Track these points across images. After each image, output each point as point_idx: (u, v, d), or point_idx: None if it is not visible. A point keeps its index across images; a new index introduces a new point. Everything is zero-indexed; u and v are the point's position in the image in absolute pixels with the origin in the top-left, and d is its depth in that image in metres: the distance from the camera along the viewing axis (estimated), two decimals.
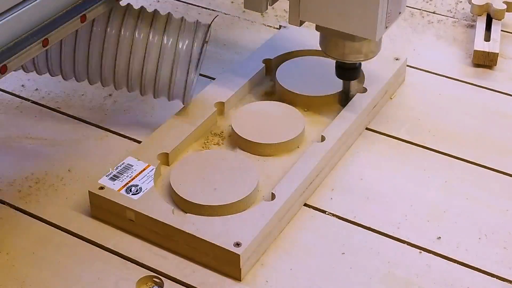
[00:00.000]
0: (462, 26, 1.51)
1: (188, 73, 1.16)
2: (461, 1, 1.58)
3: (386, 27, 1.14)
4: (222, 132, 1.20)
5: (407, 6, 1.57)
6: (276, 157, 1.16)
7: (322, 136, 1.16)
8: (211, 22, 1.20)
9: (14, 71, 0.97)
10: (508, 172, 1.17)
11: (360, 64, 1.22)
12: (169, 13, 1.18)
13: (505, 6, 1.47)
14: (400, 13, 1.16)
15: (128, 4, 1.18)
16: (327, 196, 1.13)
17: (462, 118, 1.28)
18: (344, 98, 1.25)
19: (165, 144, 1.14)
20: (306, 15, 1.14)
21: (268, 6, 1.17)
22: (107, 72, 1.17)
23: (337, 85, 1.27)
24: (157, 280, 1.00)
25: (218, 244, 0.99)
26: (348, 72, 1.22)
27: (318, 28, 1.17)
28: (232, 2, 1.58)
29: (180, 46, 1.16)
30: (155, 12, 1.18)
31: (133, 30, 1.15)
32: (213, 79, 1.33)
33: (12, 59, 0.92)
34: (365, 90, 1.26)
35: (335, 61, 1.22)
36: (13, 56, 0.92)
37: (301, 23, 1.16)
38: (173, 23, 1.17)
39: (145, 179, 1.08)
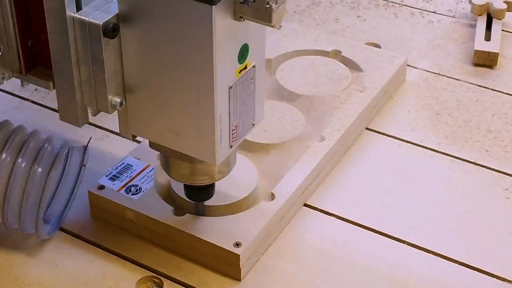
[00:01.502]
0: (462, 26, 1.51)
1: (40, 204, 0.97)
2: (461, 1, 1.58)
3: (231, 147, 0.91)
4: None
5: (407, 6, 1.57)
6: (276, 157, 1.16)
7: (322, 136, 1.16)
8: (87, 144, 1.05)
9: None
10: (509, 173, 1.17)
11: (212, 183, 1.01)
12: (34, 131, 1.02)
13: (505, 6, 1.47)
14: (254, 124, 0.94)
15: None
16: (327, 196, 1.13)
17: (462, 118, 1.28)
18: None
19: None
20: (137, 129, 0.93)
21: (88, 119, 0.94)
22: None
23: (338, 85, 1.27)
24: (157, 280, 1.00)
25: (218, 244, 0.99)
26: (198, 193, 1.02)
27: (151, 145, 0.96)
28: None
29: (34, 172, 0.97)
30: (16, 129, 1.01)
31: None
32: None
33: None
34: (365, 90, 1.25)
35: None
36: None
37: (134, 136, 0.96)
38: (34, 141, 1.00)
39: (145, 179, 1.08)
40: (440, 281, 1.01)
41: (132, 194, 1.06)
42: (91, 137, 1.10)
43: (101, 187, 1.07)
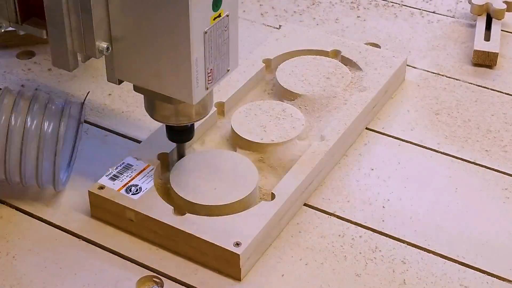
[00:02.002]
0: (462, 26, 1.51)
1: (55, 157, 1.05)
2: (461, 1, 1.58)
3: (207, 88, 0.99)
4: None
5: (407, 6, 1.57)
6: (276, 157, 1.16)
7: (322, 136, 1.16)
8: (84, 100, 1.12)
9: None
10: (508, 173, 1.17)
11: (192, 124, 1.09)
12: (35, 90, 1.09)
13: (505, 6, 1.47)
14: (228, 70, 1.02)
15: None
16: (327, 196, 1.13)
17: (462, 118, 1.28)
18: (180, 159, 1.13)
19: (165, 144, 1.14)
20: (122, 74, 1.02)
21: (80, 64, 1.02)
22: None
23: (338, 85, 1.27)
24: (157, 280, 1.00)
25: (218, 244, 0.99)
26: (179, 134, 1.09)
27: (135, 88, 1.04)
28: None
29: (45, 129, 1.05)
30: (20, 92, 1.07)
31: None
32: None
33: None
34: (365, 90, 1.26)
35: None
36: None
37: (120, 81, 1.04)
38: (39, 102, 1.07)
39: (145, 179, 1.08)
40: (440, 280, 1.01)
41: (132, 194, 1.06)
42: (88, 92, 1.14)
43: (101, 187, 1.07)
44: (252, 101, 1.26)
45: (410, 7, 1.57)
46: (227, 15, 0.98)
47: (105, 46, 0.98)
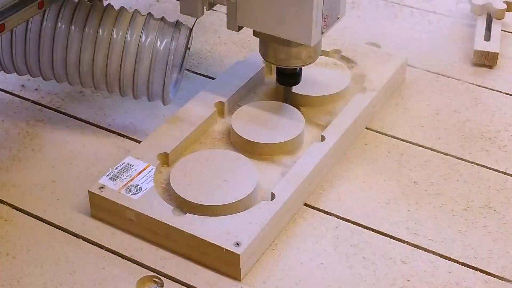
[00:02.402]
0: (462, 26, 1.51)
1: (166, 72, 1.16)
2: (461, 1, 1.58)
3: (323, 33, 1.12)
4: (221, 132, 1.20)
5: (407, 6, 1.57)
6: (276, 157, 1.16)
7: (322, 136, 1.16)
8: (193, 26, 1.19)
9: None
10: (508, 172, 1.17)
11: (300, 69, 1.20)
12: (149, 13, 1.18)
13: (505, 6, 1.47)
14: (338, 17, 1.15)
15: (108, 4, 1.18)
16: (327, 196, 1.13)
17: (462, 118, 1.28)
18: (287, 103, 1.23)
19: (165, 144, 1.14)
20: (243, 20, 1.13)
21: (205, 11, 1.14)
22: (86, 72, 1.17)
23: (339, 85, 1.27)
24: (157, 280, 1.00)
25: (218, 244, 0.99)
26: (289, 77, 1.21)
27: (255, 33, 1.16)
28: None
29: (158, 45, 1.15)
30: (135, 12, 1.17)
31: (111, 30, 1.15)
32: (213, 79, 1.33)
33: (9, 19, 0.99)
34: (365, 90, 1.26)
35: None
36: (11, 16, 0.99)
37: (239, 28, 1.15)
38: (152, 22, 1.17)
39: (145, 179, 1.08)
40: (440, 280, 1.01)
41: (132, 194, 1.06)
42: (196, 19, 1.20)
43: (102, 187, 1.07)
44: (252, 101, 1.26)
45: (410, 7, 1.57)
46: None
47: None
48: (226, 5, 1.13)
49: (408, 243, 1.06)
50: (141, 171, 1.09)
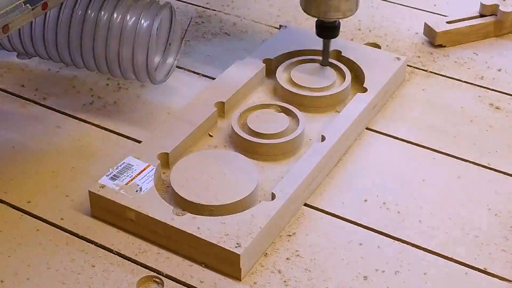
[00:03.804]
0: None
1: (148, 51, 1.18)
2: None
3: None
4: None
5: (408, 6, 1.57)
6: (276, 157, 1.16)
7: (322, 136, 1.16)
8: (188, 25, 1.24)
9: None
10: (508, 172, 1.17)
11: (339, 22, 1.25)
12: None
13: None
14: None
15: None
16: (327, 196, 1.13)
17: (463, 118, 1.28)
18: (325, 57, 1.29)
19: (165, 144, 1.14)
20: None
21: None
22: (87, 53, 1.22)
23: (337, 85, 1.27)
24: (157, 280, 1.00)
25: (218, 244, 0.99)
26: (328, 30, 1.26)
27: None
28: (232, 1, 1.58)
29: (140, 25, 1.18)
30: None
31: (97, 12, 1.19)
32: (213, 79, 1.33)
33: (13, 20, 0.99)
34: (365, 90, 1.26)
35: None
36: (14, 17, 0.99)
37: None
38: (139, 2, 1.20)
39: (145, 179, 1.08)
40: (440, 280, 1.01)
41: (132, 194, 1.06)
42: (191, 18, 1.25)
43: (102, 187, 1.07)
44: (252, 101, 1.26)
45: (410, 7, 1.57)
46: None
47: None
48: None
49: (409, 243, 1.06)
50: (141, 171, 1.09)
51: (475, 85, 1.36)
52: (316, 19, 1.25)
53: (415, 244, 1.06)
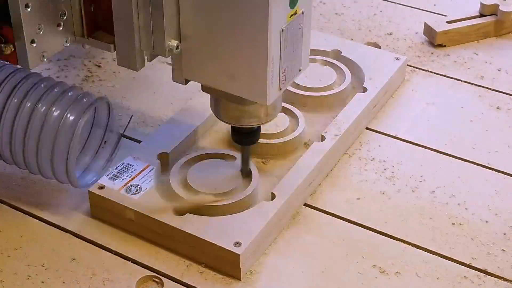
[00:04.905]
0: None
1: (68, 153, 1.02)
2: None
3: (281, 89, 0.95)
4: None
5: (407, 6, 1.57)
6: (276, 157, 1.16)
7: (322, 136, 1.16)
8: (128, 124, 1.11)
9: None
10: (508, 172, 1.17)
11: (259, 126, 1.04)
12: (62, 87, 1.05)
13: None
14: (300, 70, 0.98)
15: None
16: (327, 196, 1.13)
17: (463, 118, 1.28)
18: (245, 164, 1.08)
19: (165, 144, 1.14)
20: (190, 73, 0.98)
21: (146, 63, 0.99)
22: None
23: (337, 85, 1.27)
24: (157, 280, 1.00)
25: (218, 244, 0.99)
26: (245, 136, 1.05)
27: (204, 88, 1.00)
28: None
29: (63, 122, 1.02)
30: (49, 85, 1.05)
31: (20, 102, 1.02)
32: None
33: None
34: (365, 90, 1.26)
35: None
36: None
37: (187, 81, 0.99)
38: (69, 94, 1.04)
39: (145, 179, 1.08)
40: (440, 280, 1.01)
41: (132, 194, 1.06)
42: (132, 116, 1.14)
43: (101, 187, 1.07)
44: None
45: (410, 7, 1.57)
46: (303, 12, 0.94)
47: (175, 44, 0.95)
48: (169, 56, 0.97)
49: (409, 243, 1.06)
50: (141, 171, 1.09)
51: (475, 85, 1.36)
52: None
53: (415, 244, 1.06)
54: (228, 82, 0.95)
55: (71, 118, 1.01)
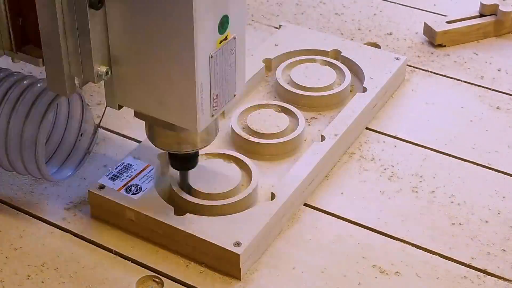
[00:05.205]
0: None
1: (36, 144, 1.02)
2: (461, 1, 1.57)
3: (213, 115, 0.93)
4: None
5: (407, 6, 1.57)
6: (276, 157, 1.16)
7: (322, 136, 1.16)
8: (99, 123, 1.10)
9: None
10: (508, 172, 1.17)
11: (196, 151, 1.03)
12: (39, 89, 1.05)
13: None
14: (235, 95, 0.96)
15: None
16: (327, 196, 1.13)
17: (463, 118, 1.28)
18: (186, 189, 1.07)
19: None
20: (122, 99, 0.96)
21: (78, 88, 0.97)
22: None
23: (337, 85, 1.27)
24: (157, 280, 1.00)
25: (218, 244, 0.99)
26: (182, 162, 1.04)
27: (137, 114, 0.99)
28: None
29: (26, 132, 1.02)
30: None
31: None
32: None
33: None
34: (365, 90, 1.26)
35: None
36: None
37: (120, 106, 0.98)
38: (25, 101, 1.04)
39: (145, 179, 1.08)
40: (440, 280, 1.01)
41: (132, 194, 1.06)
42: (106, 107, 1.10)
43: (101, 187, 1.07)
44: (252, 101, 1.26)
45: (410, 7, 1.57)
46: (234, 38, 0.92)
47: (104, 70, 0.93)
48: (98, 82, 0.95)
49: (409, 243, 1.06)
50: (141, 171, 1.09)
51: (475, 85, 1.35)
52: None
53: (415, 244, 1.06)
54: (159, 108, 0.94)
55: (39, 109, 1.02)
